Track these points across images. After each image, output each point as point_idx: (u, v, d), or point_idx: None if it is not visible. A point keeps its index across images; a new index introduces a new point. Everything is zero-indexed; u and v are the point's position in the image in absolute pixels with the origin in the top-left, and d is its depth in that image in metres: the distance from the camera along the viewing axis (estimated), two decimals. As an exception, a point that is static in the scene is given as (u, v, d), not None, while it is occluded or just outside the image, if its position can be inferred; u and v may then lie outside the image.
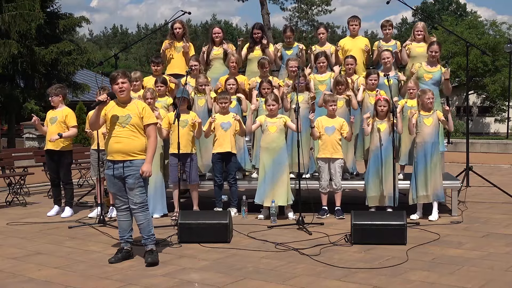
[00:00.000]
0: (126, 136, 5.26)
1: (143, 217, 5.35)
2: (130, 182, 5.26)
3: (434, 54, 7.68)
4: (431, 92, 7.10)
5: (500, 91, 30.60)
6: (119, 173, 5.29)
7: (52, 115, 7.86)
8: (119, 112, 5.30)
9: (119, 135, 5.26)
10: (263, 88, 7.74)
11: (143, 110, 5.33)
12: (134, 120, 5.28)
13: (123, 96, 5.32)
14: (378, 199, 7.28)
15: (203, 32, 57.74)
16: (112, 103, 5.38)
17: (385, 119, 7.21)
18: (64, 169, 7.88)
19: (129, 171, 5.25)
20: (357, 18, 8.67)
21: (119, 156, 5.26)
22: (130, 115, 5.28)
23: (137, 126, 5.29)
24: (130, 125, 5.27)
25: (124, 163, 5.26)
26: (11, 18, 18.73)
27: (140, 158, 5.28)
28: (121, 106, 5.34)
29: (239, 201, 7.47)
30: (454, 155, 13.72)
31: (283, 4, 48.81)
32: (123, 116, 5.28)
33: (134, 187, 5.27)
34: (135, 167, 5.24)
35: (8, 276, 4.97)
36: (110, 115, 5.31)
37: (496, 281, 4.58)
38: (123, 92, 5.30)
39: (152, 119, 5.39)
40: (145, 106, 5.45)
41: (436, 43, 7.84)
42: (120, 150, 5.25)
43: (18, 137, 20.50)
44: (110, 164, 5.34)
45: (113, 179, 5.34)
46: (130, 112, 5.29)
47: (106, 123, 5.39)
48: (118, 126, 5.27)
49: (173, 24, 8.84)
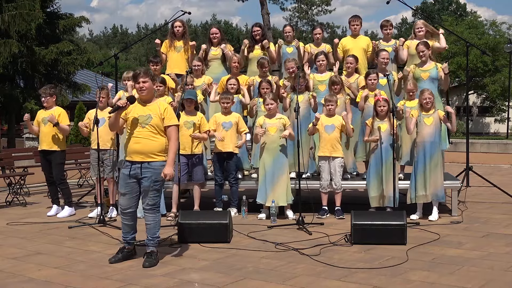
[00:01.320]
0: (145, 136, 5.20)
1: (152, 218, 5.32)
2: (146, 184, 5.22)
3: (422, 54, 7.69)
4: (428, 92, 7.08)
5: (500, 91, 30.59)
6: (135, 173, 5.23)
7: (44, 115, 7.82)
8: (140, 111, 5.25)
9: (139, 135, 5.21)
10: (262, 88, 7.74)
11: (164, 111, 5.26)
12: (155, 121, 5.22)
13: (144, 95, 5.28)
14: (379, 199, 7.28)
15: (203, 32, 57.74)
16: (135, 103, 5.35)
17: (385, 119, 7.22)
18: (56, 169, 7.85)
19: (146, 173, 5.20)
20: (359, 17, 8.65)
21: (138, 157, 5.21)
22: (151, 115, 5.22)
23: (157, 126, 5.23)
24: (150, 125, 5.20)
25: (142, 164, 5.21)
26: (11, 18, 18.73)
27: (159, 160, 5.22)
28: (142, 105, 5.30)
29: (239, 201, 7.47)
30: (454, 155, 13.71)
31: (283, 4, 48.92)
32: (143, 115, 5.23)
33: (149, 189, 5.22)
34: (153, 169, 5.19)
35: (8, 276, 4.97)
36: (131, 115, 5.26)
37: (496, 281, 4.58)
38: (143, 91, 5.26)
39: (174, 121, 5.31)
40: (168, 107, 5.36)
41: (422, 42, 7.83)
42: (139, 151, 5.20)
43: (18, 137, 20.54)
44: (128, 164, 5.27)
45: (128, 179, 5.27)
46: (151, 112, 5.24)
47: (126, 123, 5.32)
48: (139, 126, 5.22)
49: (173, 23, 8.84)
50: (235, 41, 49.73)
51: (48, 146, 7.76)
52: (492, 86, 30.88)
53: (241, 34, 59.73)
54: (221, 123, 7.49)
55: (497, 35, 32.93)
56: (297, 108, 6.79)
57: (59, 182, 7.92)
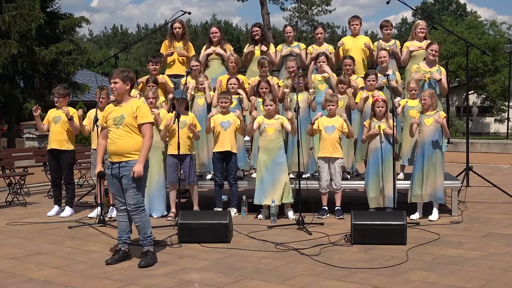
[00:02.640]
0: (120, 136, 5.25)
1: (138, 219, 5.33)
2: (124, 182, 5.26)
3: (435, 53, 7.66)
4: (426, 93, 7.06)
5: (500, 91, 30.59)
6: (116, 173, 5.30)
7: (55, 115, 7.85)
8: (115, 113, 5.32)
9: (114, 136, 5.28)
10: (261, 88, 7.74)
11: (137, 109, 5.27)
12: (128, 120, 5.25)
13: (115, 95, 5.38)
14: (378, 200, 7.28)
15: (203, 32, 57.72)
16: (111, 105, 5.43)
17: (383, 120, 7.21)
18: (66, 169, 7.89)
19: (124, 172, 5.24)
20: (358, 17, 8.66)
21: (116, 158, 5.28)
22: (124, 115, 5.26)
23: (131, 126, 5.25)
24: (124, 125, 5.25)
25: (120, 164, 5.26)
26: (11, 18, 18.73)
27: (135, 159, 5.24)
28: (117, 106, 5.35)
29: (239, 201, 7.47)
30: (454, 155, 13.72)
31: (283, 4, 48.93)
32: (117, 116, 5.28)
33: (128, 187, 5.25)
34: (130, 167, 5.21)
35: (8, 276, 4.97)
36: (109, 117, 5.34)
37: (496, 281, 4.58)
38: (113, 92, 5.35)
39: (146, 118, 5.30)
40: (141, 105, 5.36)
41: (436, 42, 7.83)
42: (115, 152, 5.27)
43: (18, 137, 20.50)
44: (109, 165, 5.37)
45: (112, 179, 5.36)
46: (124, 112, 5.28)
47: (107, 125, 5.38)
48: (114, 127, 5.28)
49: (172, 24, 8.84)
50: (235, 41, 49.68)
51: (58, 145, 7.77)
52: (492, 86, 30.87)
53: (241, 34, 59.69)
54: (219, 123, 7.49)
55: (497, 35, 32.92)
56: (297, 108, 6.79)
57: (67, 182, 7.93)
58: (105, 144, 5.47)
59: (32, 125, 15.64)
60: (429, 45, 7.76)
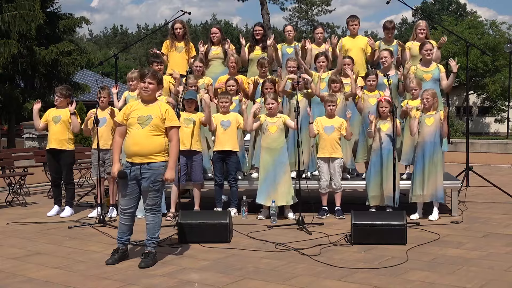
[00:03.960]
0: (144, 137, 5.19)
1: (152, 218, 5.32)
2: (145, 185, 5.22)
3: (429, 53, 7.68)
4: (428, 93, 7.06)
5: (500, 91, 30.60)
6: (135, 174, 5.23)
7: (55, 114, 7.84)
8: (141, 112, 5.26)
9: (137, 135, 5.20)
10: (266, 88, 7.72)
11: (166, 112, 5.26)
12: (155, 121, 5.21)
13: (146, 96, 5.30)
14: (379, 199, 7.28)
15: (203, 32, 57.74)
16: (136, 103, 5.37)
17: (387, 120, 7.21)
18: (66, 169, 7.89)
19: (146, 174, 5.20)
20: (356, 17, 8.67)
21: (137, 159, 5.21)
22: (152, 116, 5.22)
23: (157, 127, 5.23)
24: (150, 125, 5.20)
25: (141, 166, 5.20)
26: (11, 18, 18.75)
27: (158, 161, 5.22)
28: (144, 106, 5.31)
29: (239, 201, 7.47)
30: (454, 155, 13.72)
31: (283, 4, 48.95)
32: (144, 116, 5.23)
33: (149, 190, 5.22)
34: (152, 170, 5.19)
35: (8, 276, 4.97)
36: (132, 115, 5.26)
37: (496, 281, 4.58)
38: (147, 92, 5.28)
39: (175, 122, 5.31)
40: (169, 108, 5.37)
41: (429, 42, 7.83)
42: (138, 153, 5.19)
43: (18, 137, 20.51)
44: (128, 165, 5.27)
45: (128, 180, 5.27)
46: (152, 112, 5.24)
47: (127, 123, 5.30)
48: (138, 126, 5.22)
49: (173, 24, 8.84)
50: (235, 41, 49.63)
51: (58, 145, 7.76)
52: (492, 86, 30.88)
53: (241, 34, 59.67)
54: (219, 123, 7.49)
55: (497, 35, 32.92)
56: (297, 108, 6.79)
57: (67, 182, 7.93)
58: (121, 142, 5.38)
59: (32, 125, 15.62)
60: (422, 46, 7.77)
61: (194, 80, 7.92)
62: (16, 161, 10.60)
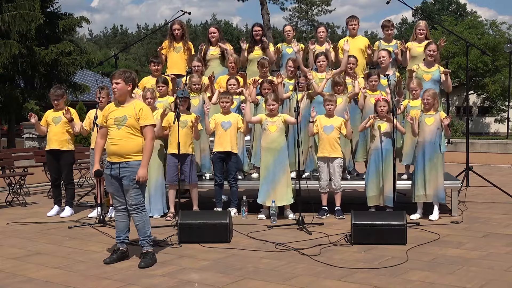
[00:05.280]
0: (121, 137, 5.24)
1: (138, 218, 5.33)
2: (125, 183, 5.25)
3: (432, 54, 7.68)
4: (429, 93, 7.06)
5: (500, 91, 30.57)
6: (115, 173, 5.29)
7: (55, 115, 7.85)
8: (116, 113, 5.30)
9: (114, 136, 5.26)
10: (264, 89, 7.73)
11: (139, 111, 5.28)
12: (130, 121, 5.24)
13: (116, 96, 5.35)
14: (378, 199, 7.28)
15: (203, 32, 57.70)
16: (112, 104, 5.41)
17: (385, 119, 7.21)
18: (66, 169, 7.90)
19: (124, 172, 5.24)
20: (356, 18, 8.67)
21: (115, 158, 5.27)
22: (127, 116, 5.25)
23: (133, 127, 5.25)
24: (126, 126, 5.24)
25: (120, 164, 5.25)
26: (11, 18, 18.74)
27: (136, 160, 5.24)
28: (119, 106, 5.34)
29: (239, 201, 7.47)
30: (454, 155, 13.71)
31: (283, 4, 48.83)
32: (120, 117, 5.27)
33: (129, 188, 5.25)
34: (131, 168, 5.22)
35: (8, 276, 4.97)
36: (110, 117, 5.31)
37: (496, 281, 4.58)
38: (115, 92, 5.32)
39: (149, 121, 5.32)
40: (143, 107, 5.38)
41: (434, 43, 7.84)
42: (116, 152, 5.25)
43: (18, 137, 20.52)
44: (108, 164, 5.35)
45: (111, 179, 5.35)
46: (126, 113, 5.27)
47: (106, 124, 5.36)
48: (114, 127, 5.27)
49: (172, 25, 8.83)
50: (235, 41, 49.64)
51: (59, 145, 7.76)
52: (492, 86, 30.85)
53: (241, 34, 59.65)
54: (220, 123, 7.49)
55: (497, 35, 32.90)
56: (297, 108, 6.79)
57: (67, 182, 7.93)
58: (103, 144, 5.46)
59: (32, 125, 15.61)
60: (426, 46, 7.77)
61: (198, 78, 7.94)
62: (16, 161, 10.59)
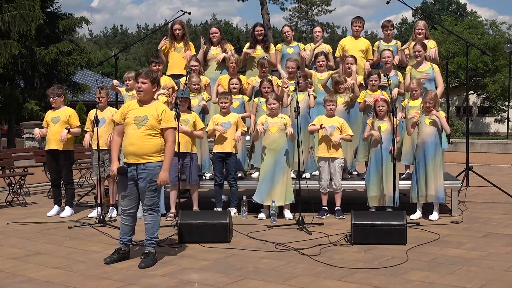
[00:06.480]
0: (139, 137, 5.18)
1: (150, 219, 5.32)
2: (142, 185, 5.22)
3: (417, 54, 7.71)
4: (431, 96, 7.03)
5: (500, 91, 30.60)
6: (132, 175, 5.24)
7: (54, 115, 7.85)
8: (137, 112, 5.25)
9: (133, 135, 5.20)
10: (264, 87, 7.73)
11: (162, 113, 5.25)
12: (151, 122, 5.20)
13: (141, 96, 5.28)
14: (378, 199, 7.28)
15: (203, 32, 57.66)
16: (134, 102, 5.36)
17: (385, 119, 7.21)
18: (66, 169, 7.89)
19: (142, 174, 5.20)
20: (362, 19, 8.62)
21: (133, 159, 5.21)
22: (148, 117, 5.21)
23: (154, 127, 5.21)
24: (145, 126, 5.19)
25: (137, 166, 5.21)
26: (11, 18, 18.76)
27: (154, 161, 5.21)
28: (141, 106, 5.29)
29: (239, 201, 7.46)
30: (454, 155, 13.72)
31: (283, 4, 48.83)
32: (140, 116, 5.22)
33: (146, 190, 5.22)
34: (148, 170, 5.19)
35: (8, 276, 4.97)
36: (129, 115, 5.26)
37: (496, 281, 4.58)
38: (140, 92, 5.26)
39: (171, 123, 5.29)
40: (165, 109, 5.35)
41: (419, 43, 7.84)
42: (134, 153, 5.20)
43: (18, 137, 20.52)
44: (125, 166, 5.28)
45: (125, 180, 5.28)
46: (148, 113, 5.23)
47: (124, 123, 5.29)
48: (135, 127, 5.21)
49: (172, 25, 8.83)
50: (235, 41, 49.72)
51: (58, 145, 7.75)
52: (492, 86, 30.88)
53: (241, 34, 59.72)
54: (220, 124, 7.48)
55: (497, 35, 32.93)
56: (297, 108, 6.78)
57: (67, 182, 7.93)
58: (120, 141, 5.37)
59: (32, 125, 15.64)
60: (413, 47, 7.82)
61: (197, 78, 7.93)
62: (16, 161, 10.60)
